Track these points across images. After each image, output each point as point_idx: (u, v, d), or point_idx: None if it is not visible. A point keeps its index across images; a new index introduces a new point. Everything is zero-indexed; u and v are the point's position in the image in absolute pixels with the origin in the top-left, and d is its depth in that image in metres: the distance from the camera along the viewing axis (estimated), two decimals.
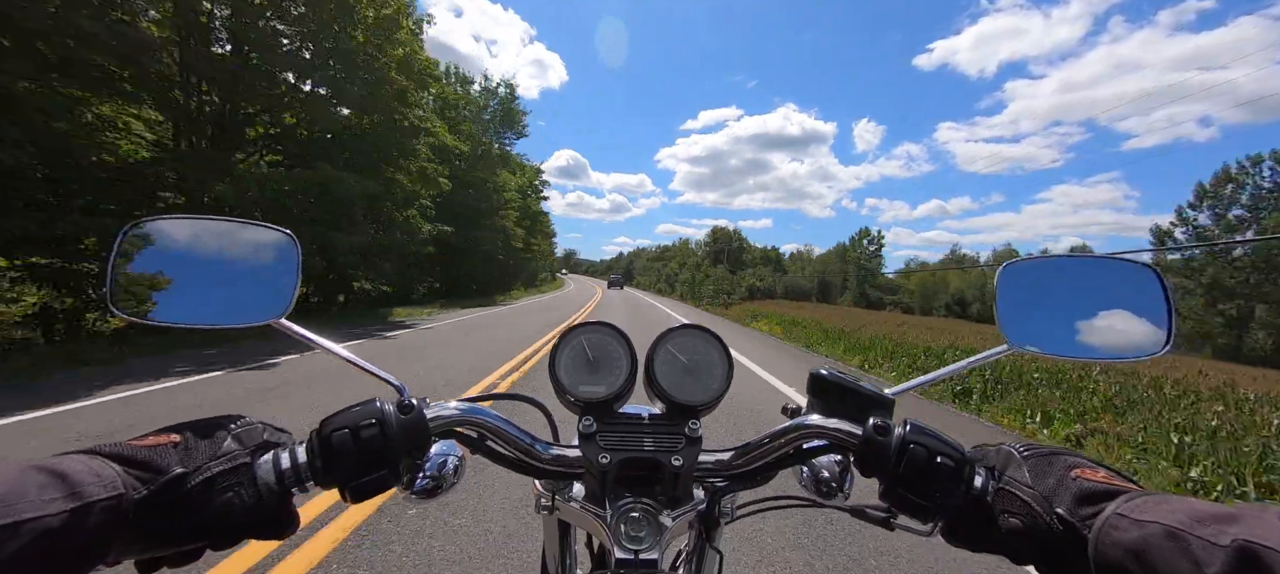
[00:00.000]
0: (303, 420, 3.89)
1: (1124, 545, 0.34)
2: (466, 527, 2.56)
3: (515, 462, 0.56)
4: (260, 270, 0.59)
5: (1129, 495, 0.38)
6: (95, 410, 4.41)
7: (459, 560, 2.29)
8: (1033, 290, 0.63)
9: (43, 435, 3.75)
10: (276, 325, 0.56)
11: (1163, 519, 0.33)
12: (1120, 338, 0.59)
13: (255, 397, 5.01)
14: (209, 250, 0.57)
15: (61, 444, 3.37)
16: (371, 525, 2.51)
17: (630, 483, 0.55)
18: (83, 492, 0.33)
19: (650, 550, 0.54)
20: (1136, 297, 0.59)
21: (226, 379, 5.74)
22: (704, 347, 0.61)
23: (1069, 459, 0.44)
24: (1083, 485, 0.40)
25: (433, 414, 0.51)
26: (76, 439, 3.64)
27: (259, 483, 0.42)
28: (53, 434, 3.76)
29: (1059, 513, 0.39)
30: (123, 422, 4.10)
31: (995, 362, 0.62)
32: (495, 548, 2.40)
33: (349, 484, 0.45)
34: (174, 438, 0.41)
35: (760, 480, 0.58)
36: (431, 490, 0.57)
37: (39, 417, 4.18)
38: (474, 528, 2.55)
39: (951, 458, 0.45)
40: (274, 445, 0.46)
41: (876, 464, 0.48)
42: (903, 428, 0.48)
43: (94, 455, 0.37)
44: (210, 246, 0.57)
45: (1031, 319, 0.62)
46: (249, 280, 0.59)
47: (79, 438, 3.69)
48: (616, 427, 0.56)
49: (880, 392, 0.57)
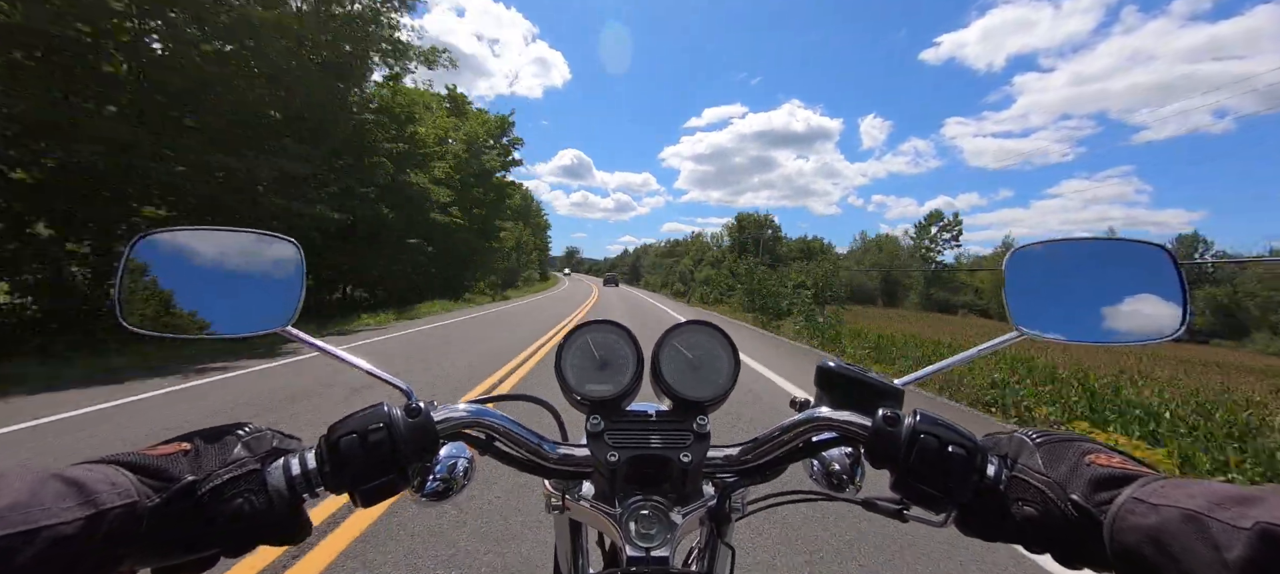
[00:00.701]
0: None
1: (1141, 530, 0.34)
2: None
3: (524, 462, 0.56)
4: (265, 279, 0.59)
5: (1145, 480, 0.37)
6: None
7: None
8: (1043, 276, 0.62)
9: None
10: (284, 333, 0.57)
11: (1181, 503, 0.33)
12: (1133, 321, 0.58)
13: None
14: (215, 261, 0.58)
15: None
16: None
17: (640, 481, 0.55)
18: (97, 500, 0.33)
19: (661, 547, 0.54)
20: (1149, 278, 0.58)
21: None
22: (709, 342, 0.61)
23: (1083, 445, 0.43)
24: (1097, 471, 0.39)
25: (440, 417, 0.51)
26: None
27: (270, 489, 0.43)
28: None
29: (1074, 499, 0.39)
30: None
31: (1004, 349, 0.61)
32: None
33: (358, 488, 0.45)
34: (185, 446, 0.42)
35: (770, 475, 0.58)
36: (442, 493, 0.57)
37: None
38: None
39: (963, 447, 0.45)
40: (284, 452, 0.46)
41: (887, 455, 0.47)
42: (913, 418, 0.47)
43: (109, 464, 0.37)
44: (216, 257, 0.58)
45: (1042, 305, 0.61)
46: (255, 289, 0.59)
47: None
48: (624, 425, 0.56)
49: (889, 382, 0.56)
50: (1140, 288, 0.59)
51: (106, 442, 3.78)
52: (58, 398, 4.91)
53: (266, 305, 0.59)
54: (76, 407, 4.62)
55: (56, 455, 3.53)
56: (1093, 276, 0.61)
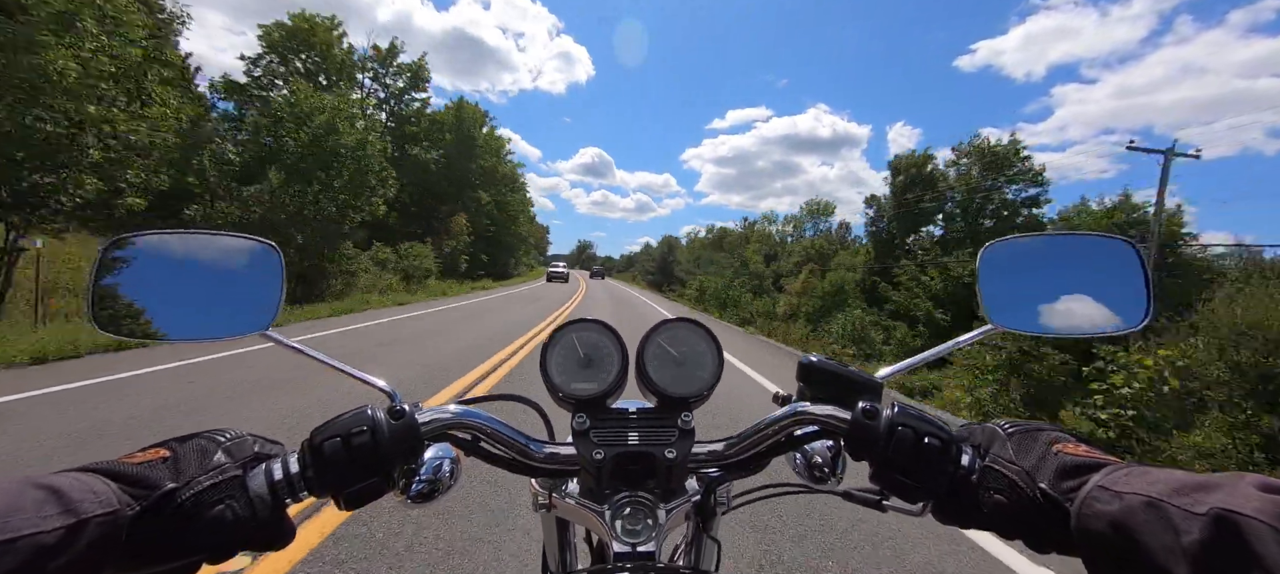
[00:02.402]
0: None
1: (1105, 517, 0.35)
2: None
3: (510, 462, 0.56)
4: (244, 282, 0.59)
5: (1110, 468, 0.39)
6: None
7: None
8: (1014, 269, 0.64)
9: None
10: (262, 337, 0.57)
11: (1142, 490, 0.34)
12: (1098, 314, 0.60)
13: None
14: (191, 264, 0.57)
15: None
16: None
17: (626, 477, 0.56)
18: (78, 508, 0.33)
19: (647, 543, 0.54)
20: (1114, 272, 0.60)
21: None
22: (693, 339, 0.62)
23: (1051, 435, 0.44)
24: (1064, 460, 0.41)
25: (425, 419, 0.51)
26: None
27: (251, 495, 0.42)
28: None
29: (1042, 488, 0.40)
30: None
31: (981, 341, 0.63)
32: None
33: (342, 492, 0.45)
34: (164, 453, 0.41)
35: (754, 469, 0.59)
36: (427, 494, 0.57)
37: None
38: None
39: (938, 438, 0.46)
40: (265, 457, 0.45)
41: (866, 447, 0.48)
42: (891, 410, 0.48)
43: (87, 472, 0.37)
44: (192, 260, 0.57)
45: (1014, 298, 0.63)
46: (233, 292, 0.58)
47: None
48: (610, 422, 0.57)
49: (869, 376, 0.57)
50: (1107, 281, 0.61)
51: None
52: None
53: (245, 309, 0.58)
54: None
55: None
56: (1062, 271, 0.63)
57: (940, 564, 2.49)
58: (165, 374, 5.19)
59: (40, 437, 3.45)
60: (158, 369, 5.31)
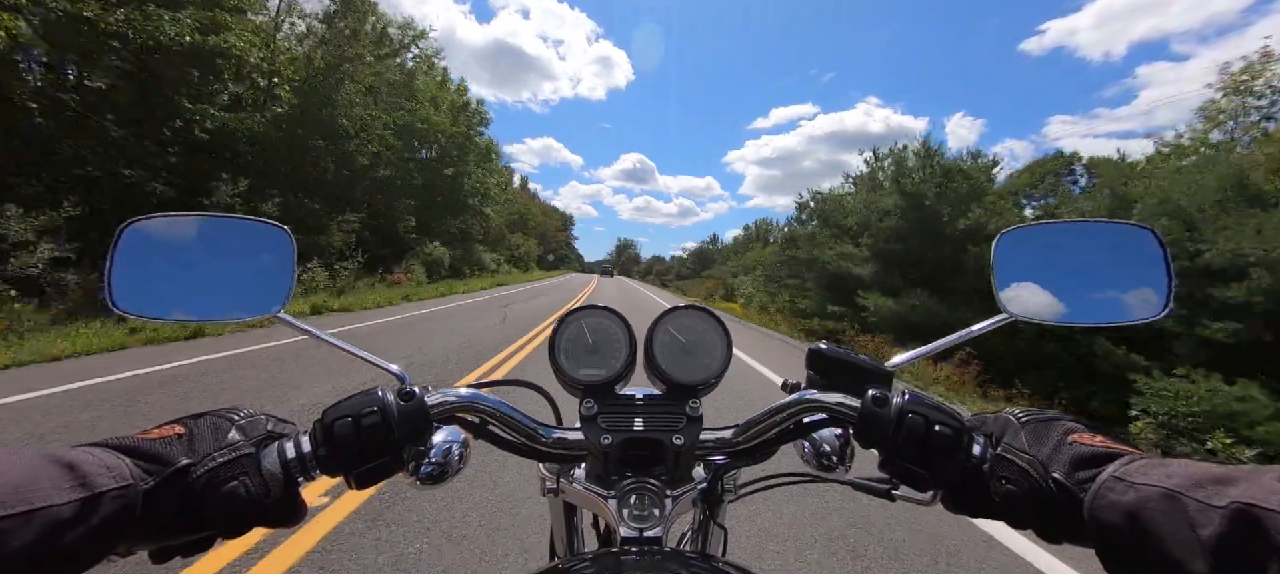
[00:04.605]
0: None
1: (1120, 508, 0.34)
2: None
3: (518, 446, 0.57)
4: (256, 265, 0.59)
5: (1126, 458, 0.38)
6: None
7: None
8: (1031, 258, 0.62)
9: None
10: (275, 319, 0.57)
11: (1159, 481, 0.33)
12: (1118, 303, 0.59)
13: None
14: (205, 247, 0.58)
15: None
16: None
17: (633, 463, 0.56)
18: (93, 483, 0.34)
19: (654, 528, 0.54)
20: (1134, 259, 0.59)
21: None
22: (702, 326, 0.61)
23: (1066, 424, 0.44)
24: (1079, 450, 0.40)
25: (434, 401, 0.51)
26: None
27: (264, 472, 0.43)
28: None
29: (1055, 477, 0.40)
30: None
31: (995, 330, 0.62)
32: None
33: (353, 471, 0.46)
34: (178, 430, 0.42)
35: (761, 456, 0.59)
36: (437, 476, 0.58)
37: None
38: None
39: (950, 426, 0.46)
40: (278, 436, 0.46)
41: (875, 435, 0.48)
42: (900, 398, 0.48)
43: (104, 447, 0.38)
44: (206, 243, 0.58)
45: (1030, 288, 0.61)
46: (245, 275, 0.59)
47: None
48: (618, 408, 0.57)
49: (879, 364, 0.57)
50: (1127, 269, 0.59)
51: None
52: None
53: (258, 291, 0.59)
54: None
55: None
56: (1080, 259, 0.61)
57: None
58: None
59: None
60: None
